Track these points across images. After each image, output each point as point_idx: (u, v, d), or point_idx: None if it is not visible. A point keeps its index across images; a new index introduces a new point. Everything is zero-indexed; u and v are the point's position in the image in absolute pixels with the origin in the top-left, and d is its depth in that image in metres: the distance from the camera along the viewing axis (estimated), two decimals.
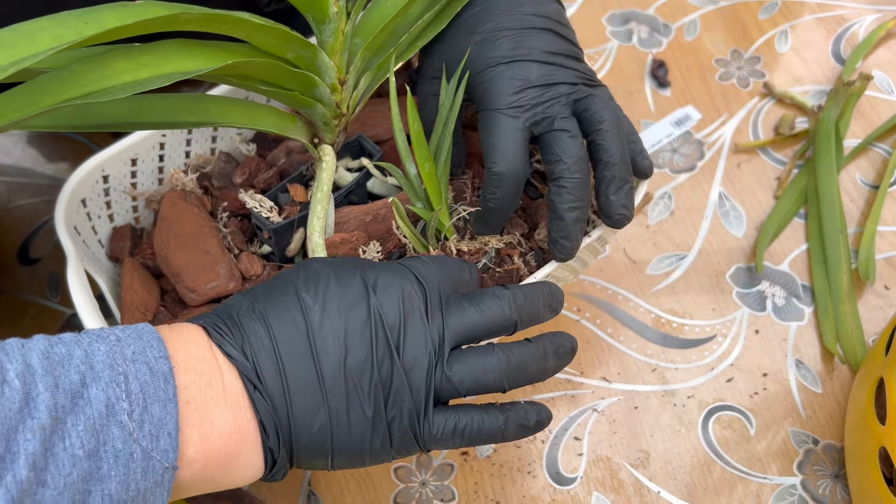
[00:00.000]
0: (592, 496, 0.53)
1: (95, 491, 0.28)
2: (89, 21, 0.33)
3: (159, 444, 0.29)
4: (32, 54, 0.31)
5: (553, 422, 0.56)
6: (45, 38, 0.32)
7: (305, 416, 0.33)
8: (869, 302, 0.60)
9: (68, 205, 0.47)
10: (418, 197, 0.44)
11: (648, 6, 0.77)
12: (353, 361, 0.33)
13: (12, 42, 0.31)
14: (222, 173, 0.52)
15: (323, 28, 0.41)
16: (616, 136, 0.43)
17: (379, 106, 0.53)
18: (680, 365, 0.58)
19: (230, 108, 0.43)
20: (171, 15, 0.33)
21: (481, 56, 0.44)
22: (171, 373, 0.30)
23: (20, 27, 0.32)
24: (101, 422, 0.28)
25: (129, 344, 0.31)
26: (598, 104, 0.43)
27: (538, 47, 0.44)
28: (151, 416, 0.29)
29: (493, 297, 0.37)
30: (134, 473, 0.29)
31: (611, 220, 0.44)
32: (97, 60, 0.35)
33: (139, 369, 0.30)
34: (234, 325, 0.33)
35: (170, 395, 0.30)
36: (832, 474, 0.54)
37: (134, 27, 0.33)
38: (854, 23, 0.75)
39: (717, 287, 0.61)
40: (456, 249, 0.45)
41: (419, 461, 0.54)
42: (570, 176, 0.42)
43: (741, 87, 0.71)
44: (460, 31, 0.46)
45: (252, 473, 0.33)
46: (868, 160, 0.67)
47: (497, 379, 0.35)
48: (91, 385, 0.28)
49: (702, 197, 0.65)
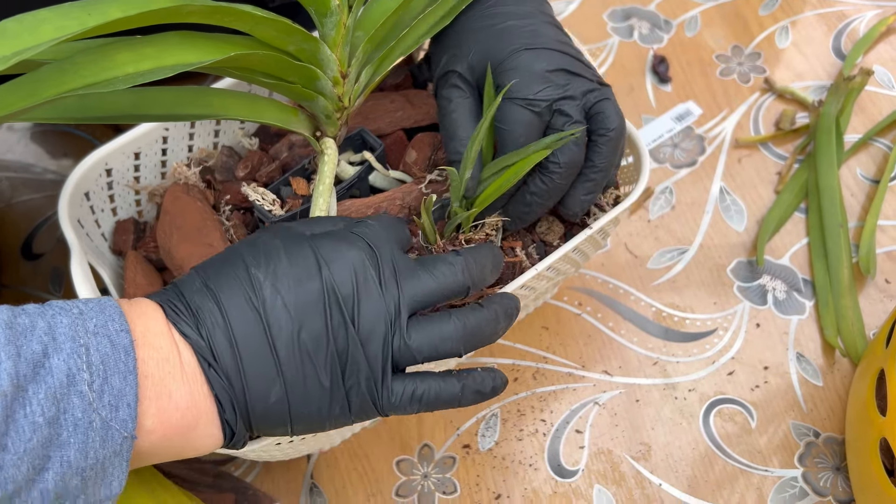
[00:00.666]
0: (594, 488, 0.53)
1: (55, 457, 0.29)
2: (92, 12, 0.33)
3: (118, 413, 0.30)
4: (35, 45, 0.31)
5: (554, 415, 0.56)
6: (48, 28, 0.32)
7: (260, 390, 0.34)
8: (869, 295, 0.60)
9: (72, 198, 0.48)
10: (458, 197, 0.45)
11: (649, 2, 0.77)
12: (307, 335, 0.34)
13: (15, 32, 0.31)
14: (225, 167, 0.53)
15: (325, 21, 0.41)
16: (615, 147, 0.45)
17: (381, 100, 0.53)
18: (681, 358, 0.58)
19: (233, 102, 0.43)
20: (174, 7, 0.33)
21: (501, 45, 0.44)
22: (131, 346, 0.31)
23: (23, 18, 0.32)
24: (62, 391, 0.29)
25: (92, 317, 0.31)
26: (610, 109, 0.44)
27: (553, 37, 0.45)
28: (111, 388, 0.30)
29: (447, 263, 0.38)
30: (93, 442, 0.30)
31: (567, 211, 0.46)
32: (99, 52, 0.35)
33: (101, 342, 0.31)
34: (187, 304, 0.34)
35: (129, 367, 0.31)
36: (833, 466, 0.54)
37: (137, 18, 0.33)
38: (854, 18, 0.75)
39: (718, 281, 0.61)
40: (465, 240, 0.46)
41: (421, 454, 0.55)
42: (556, 179, 0.43)
43: (742, 83, 0.72)
44: (472, 30, 0.46)
45: (211, 443, 0.34)
46: (868, 155, 0.67)
47: (454, 345, 0.36)
48: (53, 355, 0.29)
49: (703, 191, 0.66)
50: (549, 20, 0.46)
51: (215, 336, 0.33)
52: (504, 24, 0.45)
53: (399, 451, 0.55)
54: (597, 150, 0.44)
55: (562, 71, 0.43)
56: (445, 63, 0.46)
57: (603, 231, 0.48)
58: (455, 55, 0.46)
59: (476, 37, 0.45)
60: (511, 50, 0.44)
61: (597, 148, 0.44)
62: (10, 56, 0.30)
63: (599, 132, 0.44)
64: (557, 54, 0.44)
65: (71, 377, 0.29)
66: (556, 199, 0.45)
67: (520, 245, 0.48)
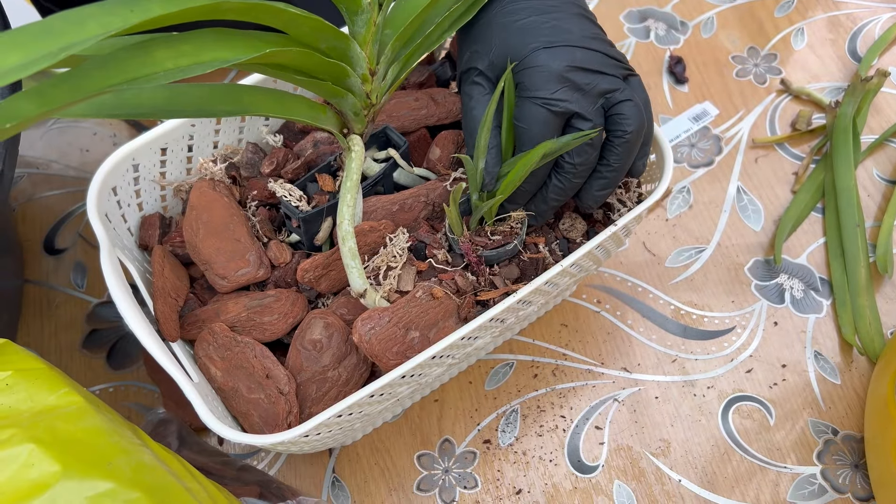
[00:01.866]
0: (614, 484, 0.54)
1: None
2: (135, 9, 0.33)
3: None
4: (81, 40, 0.31)
5: (574, 411, 0.56)
6: (93, 25, 0.32)
7: None
8: (886, 294, 0.60)
9: (100, 193, 0.48)
10: (476, 188, 0.45)
11: (666, 4, 0.78)
12: None
13: (62, 29, 0.32)
14: (250, 163, 0.53)
15: (356, 19, 0.42)
16: (631, 148, 0.45)
17: (405, 98, 0.54)
18: (699, 356, 0.58)
19: (263, 98, 0.43)
20: (213, 3, 0.34)
21: (522, 43, 0.44)
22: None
23: (68, 15, 0.32)
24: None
25: None
26: (631, 111, 0.44)
27: (577, 31, 0.44)
28: None
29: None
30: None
31: (581, 203, 0.47)
32: (140, 48, 0.36)
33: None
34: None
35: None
36: (852, 464, 0.54)
37: (177, 15, 0.33)
38: (870, 21, 0.75)
39: (735, 279, 0.62)
40: (490, 232, 0.46)
41: (442, 449, 0.55)
42: (572, 178, 0.45)
43: (758, 84, 0.72)
44: (494, 26, 0.46)
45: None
46: (885, 155, 0.68)
47: None
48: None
49: (720, 191, 0.66)
50: (577, 11, 0.46)
51: None
52: (525, 20, 0.45)
53: (420, 446, 0.55)
54: (612, 150, 0.45)
55: (581, 70, 0.43)
56: (468, 59, 0.47)
57: (626, 228, 0.48)
58: (477, 51, 0.46)
59: (498, 33, 0.45)
60: (531, 48, 0.44)
61: (613, 148, 0.45)
62: (57, 51, 0.30)
63: (616, 133, 0.44)
64: (579, 51, 0.44)
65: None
66: (571, 194, 0.46)
67: (543, 241, 0.49)
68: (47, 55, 0.31)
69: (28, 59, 0.31)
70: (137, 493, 0.35)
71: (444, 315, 0.45)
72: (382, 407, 0.47)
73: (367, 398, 0.42)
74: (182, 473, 0.40)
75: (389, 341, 0.43)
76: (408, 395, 0.50)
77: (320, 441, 0.45)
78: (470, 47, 0.47)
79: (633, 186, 0.51)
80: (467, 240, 0.46)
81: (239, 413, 0.46)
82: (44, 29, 0.31)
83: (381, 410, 0.49)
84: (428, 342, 0.44)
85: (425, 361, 0.43)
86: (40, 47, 0.31)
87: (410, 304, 0.45)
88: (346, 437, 0.51)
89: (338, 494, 0.54)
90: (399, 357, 0.43)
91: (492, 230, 0.46)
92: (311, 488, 0.54)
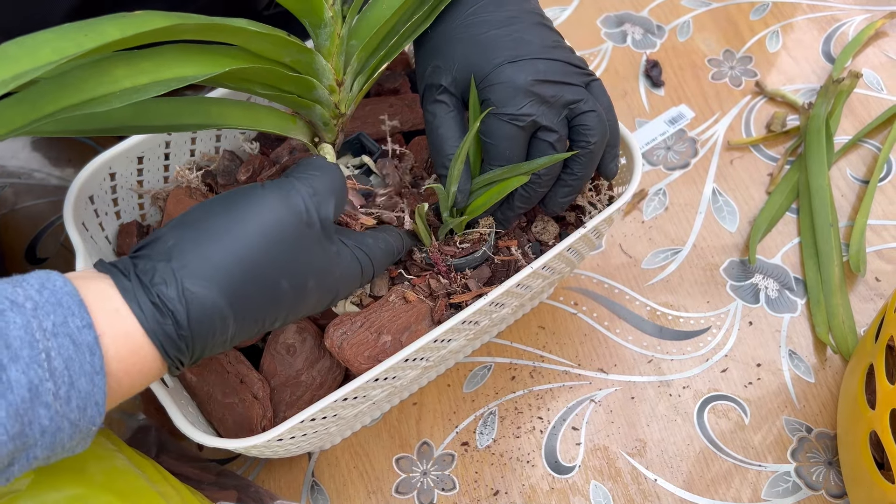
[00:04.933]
0: (590, 484, 0.54)
1: (21, 457, 0.28)
2: (89, 33, 0.33)
3: (86, 413, 0.29)
4: (34, 67, 0.31)
5: (551, 412, 0.57)
6: (47, 51, 0.32)
7: (208, 335, 0.34)
8: (860, 293, 0.61)
9: (76, 202, 0.49)
10: (447, 208, 0.46)
11: (642, 8, 0.78)
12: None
13: (16, 56, 0.31)
14: (227, 171, 0.54)
15: (319, 32, 0.42)
16: (594, 157, 0.46)
17: (378, 104, 0.55)
18: (675, 356, 0.59)
19: (232, 110, 0.44)
20: (169, 26, 0.34)
21: (486, 58, 0.44)
22: (96, 343, 0.30)
23: (24, 41, 0.32)
24: (25, 406, 0.27)
25: (48, 314, 0.29)
26: (593, 122, 0.44)
27: (537, 42, 0.44)
28: (78, 392, 0.29)
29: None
30: (61, 441, 0.29)
31: (546, 209, 0.48)
32: (97, 66, 0.35)
33: (62, 343, 0.28)
34: (134, 274, 0.34)
35: (96, 367, 0.29)
36: (825, 461, 0.55)
37: (133, 39, 0.33)
38: (844, 23, 0.76)
39: (711, 280, 0.62)
40: (459, 241, 0.47)
41: (420, 452, 0.55)
42: (536, 188, 0.45)
43: (733, 86, 0.73)
44: (455, 40, 0.46)
45: (155, 379, 0.35)
46: (858, 156, 0.68)
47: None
48: (10, 366, 0.27)
49: (696, 193, 0.67)
50: (535, 20, 0.46)
51: (170, 302, 0.33)
52: (487, 34, 0.45)
53: (398, 449, 0.56)
54: (576, 159, 0.45)
55: (546, 82, 0.43)
56: (430, 75, 0.46)
57: (597, 230, 0.49)
58: (439, 67, 0.46)
59: (460, 48, 0.45)
60: (494, 64, 0.44)
61: (576, 158, 0.45)
62: (9, 80, 0.30)
63: (580, 144, 0.45)
64: (542, 62, 0.44)
65: (33, 390, 0.27)
66: (537, 202, 0.47)
67: (515, 244, 0.49)
68: (0, 83, 0.30)
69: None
70: (109, 497, 0.35)
71: (416, 318, 0.46)
72: (358, 410, 0.48)
73: (340, 401, 0.43)
74: (156, 478, 0.41)
75: (361, 346, 0.43)
76: (384, 398, 0.50)
77: (296, 445, 0.46)
78: (430, 61, 0.46)
79: (605, 189, 0.52)
80: (436, 250, 0.47)
81: (215, 418, 0.47)
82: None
83: (357, 414, 0.49)
84: (400, 345, 0.45)
85: (397, 364, 0.43)
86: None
87: (383, 309, 0.45)
88: (323, 441, 0.51)
89: (317, 498, 0.54)
90: (371, 361, 0.43)
91: (461, 238, 0.47)
92: (291, 492, 0.54)
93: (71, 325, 0.29)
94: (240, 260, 0.35)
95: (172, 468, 0.49)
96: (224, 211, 0.36)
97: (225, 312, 0.34)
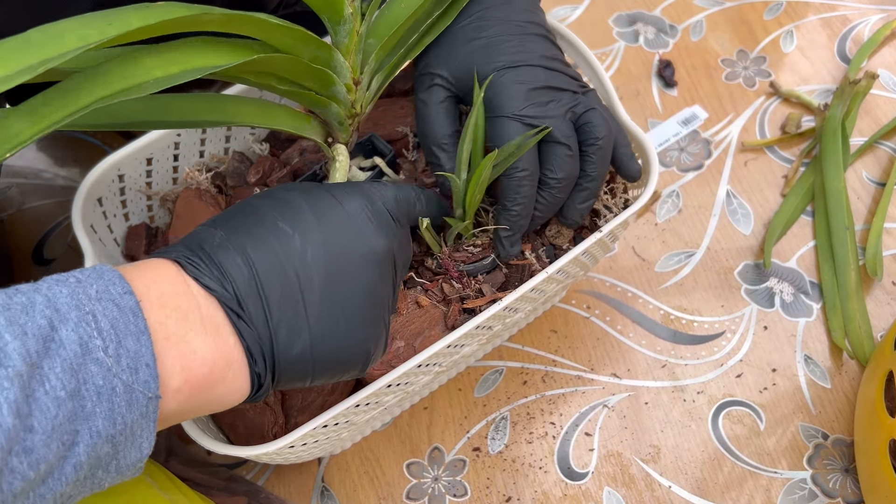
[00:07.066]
0: (604, 490, 0.53)
1: (83, 429, 0.28)
2: (113, 22, 0.33)
3: (139, 376, 0.30)
4: (61, 53, 0.31)
5: (564, 417, 0.56)
6: (72, 38, 0.32)
7: (288, 339, 0.34)
8: (877, 298, 0.60)
9: (85, 203, 0.48)
10: (459, 202, 0.45)
11: (654, 7, 0.78)
12: (337, 287, 0.35)
13: (40, 42, 0.31)
14: (236, 172, 0.53)
15: (338, 29, 0.42)
16: (606, 155, 0.46)
17: (390, 106, 0.54)
18: (689, 361, 0.58)
19: (247, 108, 0.43)
20: (193, 15, 0.34)
21: (486, 60, 0.45)
22: (138, 307, 0.31)
23: (47, 28, 0.32)
24: (78, 361, 0.28)
25: (91, 283, 0.30)
26: (597, 119, 0.45)
27: (538, 52, 0.45)
28: (127, 350, 0.30)
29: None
30: (119, 407, 0.29)
31: (566, 220, 0.48)
32: (127, 58, 0.35)
33: (106, 307, 0.30)
34: (207, 258, 0.34)
35: (141, 328, 0.30)
36: (842, 468, 0.54)
37: (157, 27, 0.33)
38: (859, 23, 0.75)
39: (725, 284, 0.62)
40: (472, 245, 0.46)
41: (431, 457, 0.55)
42: (556, 193, 0.45)
43: (747, 87, 0.72)
44: (458, 39, 0.46)
45: (237, 397, 0.34)
46: (874, 158, 0.68)
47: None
48: (60, 327, 0.28)
49: (709, 195, 0.66)
50: (539, 31, 0.47)
51: (241, 288, 0.33)
52: (490, 38, 0.45)
53: (409, 455, 0.55)
54: (588, 159, 0.45)
55: (545, 88, 0.44)
56: (426, 64, 0.47)
57: (612, 234, 0.48)
58: (438, 56, 0.46)
59: (463, 46, 0.46)
60: (494, 67, 0.45)
61: (588, 157, 0.45)
62: (37, 65, 0.30)
63: (588, 142, 0.45)
64: (541, 71, 0.45)
65: (84, 346, 0.29)
66: (556, 209, 0.47)
67: (529, 248, 0.49)
68: (27, 69, 0.30)
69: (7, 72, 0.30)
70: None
71: (429, 324, 0.45)
72: (369, 416, 0.47)
73: (352, 408, 0.42)
74: (166, 485, 0.40)
75: None
76: (396, 403, 0.50)
77: (307, 451, 0.45)
78: (430, 56, 0.47)
79: (620, 192, 0.51)
80: (447, 256, 0.46)
81: (226, 424, 0.46)
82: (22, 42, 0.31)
83: (368, 419, 0.48)
84: (413, 351, 0.44)
85: (411, 370, 0.43)
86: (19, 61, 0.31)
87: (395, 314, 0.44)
88: (333, 446, 0.50)
89: (327, 503, 0.53)
90: (384, 367, 0.43)
91: (472, 242, 0.46)
92: (300, 497, 0.54)
93: (113, 291, 0.31)
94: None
95: (181, 473, 0.49)
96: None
97: None
